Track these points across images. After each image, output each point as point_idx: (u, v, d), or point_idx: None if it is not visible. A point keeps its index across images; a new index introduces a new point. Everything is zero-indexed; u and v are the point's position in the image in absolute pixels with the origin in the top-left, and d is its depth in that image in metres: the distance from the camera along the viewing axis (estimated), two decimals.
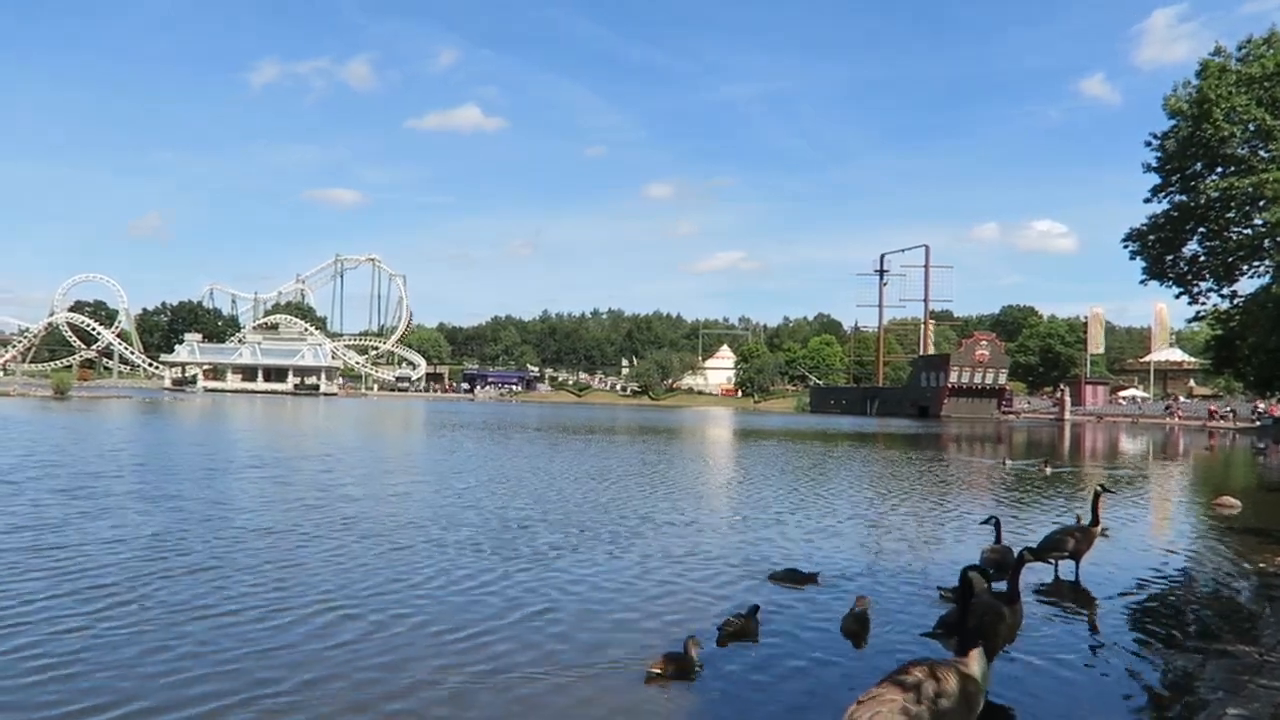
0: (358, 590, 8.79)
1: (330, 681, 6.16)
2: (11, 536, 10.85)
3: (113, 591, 8.30)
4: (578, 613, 8.28)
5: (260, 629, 7.35)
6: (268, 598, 8.32)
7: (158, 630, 7.17)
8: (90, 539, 10.86)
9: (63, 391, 74.23)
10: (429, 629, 7.58)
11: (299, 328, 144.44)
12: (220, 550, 10.45)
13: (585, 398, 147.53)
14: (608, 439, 38.39)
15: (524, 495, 16.90)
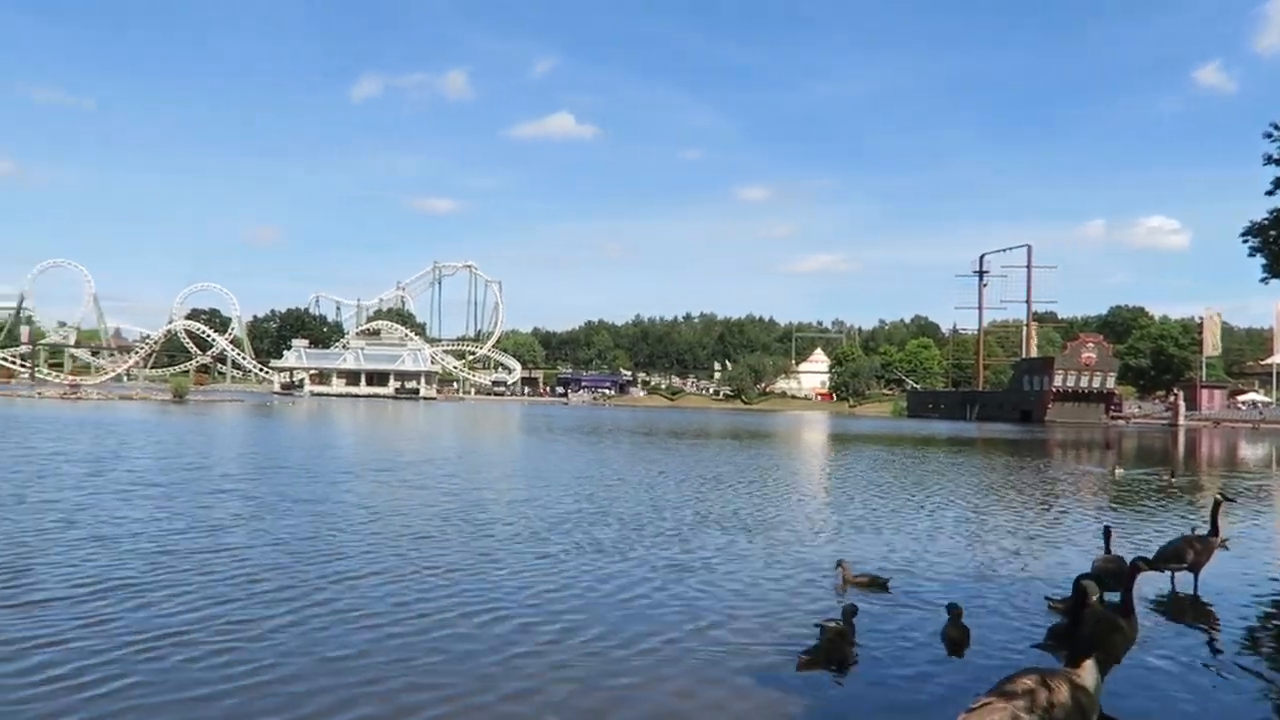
0: (517, 596, 8.96)
1: (535, 695, 6.21)
2: (187, 538, 11.36)
3: (294, 595, 8.57)
4: (691, 613, 8.39)
5: (440, 636, 7.41)
6: (437, 604, 8.44)
7: (345, 634, 7.35)
8: (256, 541, 11.35)
9: (181, 395, 78.04)
10: (585, 633, 7.71)
11: (400, 333, 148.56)
12: (375, 555, 10.73)
13: (678, 401, 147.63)
14: (702, 443, 38.40)
15: (632, 499, 17.09)
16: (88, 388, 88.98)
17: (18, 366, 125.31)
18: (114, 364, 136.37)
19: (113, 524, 12.24)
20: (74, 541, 10.82)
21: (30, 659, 6.42)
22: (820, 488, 21.83)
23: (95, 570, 9.32)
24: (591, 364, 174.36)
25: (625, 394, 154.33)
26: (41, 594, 8.26)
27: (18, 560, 9.62)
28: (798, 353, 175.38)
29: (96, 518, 12.73)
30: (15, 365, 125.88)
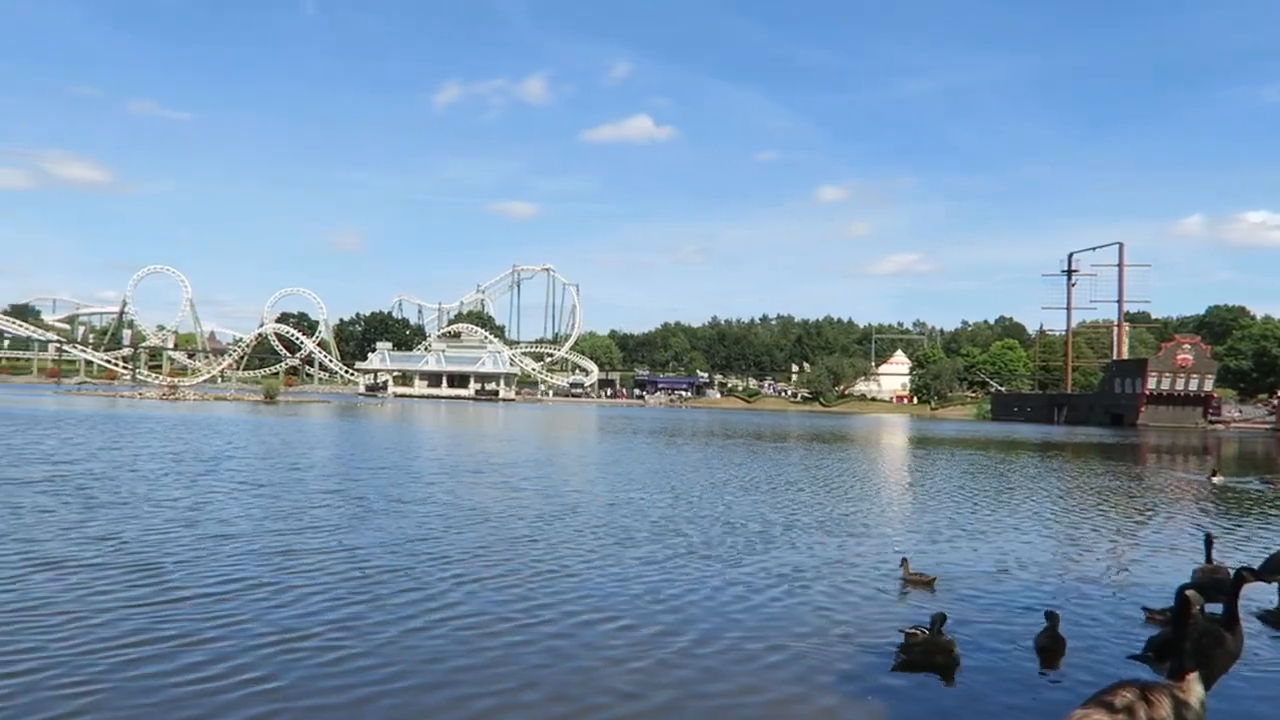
0: (622, 599, 9.16)
1: (638, 700, 6.34)
2: (303, 539, 11.86)
3: (419, 599, 8.83)
4: (783, 618, 8.49)
5: (568, 644, 7.56)
6: (552, 609, 8.61)
7: (473, 639, 7.56)
8: (370, 541, 11.82)
9: (272, 396, 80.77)
10: (685, 638, 7.87)
11: (480, 336, 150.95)
12: (486, 558, 11.02)
13: (755, 404, 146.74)
14: (782, 446, 38.21)
15: (721, 502, 17.23)
16: (185, 389, 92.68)
17: (121, 368, 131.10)
18: (209, 366, 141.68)
19: (230, 523, 12.87)
20: (197, 540, 11.41)
21: (178, 659, 6.77)
22: (905, 491, 21.58)
23: (221, 569, 9.80)
24: (668, 366, 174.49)
25: (702, 396, 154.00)
26: (176, 593, 8.70)
27: (150, 559, 10.17)
28: (877, 355, 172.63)
29: (214, 517, 13.40)
30: (118, 367, 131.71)
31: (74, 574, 9.24)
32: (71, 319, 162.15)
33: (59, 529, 11.76)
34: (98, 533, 11.60)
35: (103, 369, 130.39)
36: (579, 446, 35.97)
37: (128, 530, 11.86)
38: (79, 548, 10.57)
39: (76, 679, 6.19)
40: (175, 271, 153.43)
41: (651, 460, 27.90)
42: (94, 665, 6.49)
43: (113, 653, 6.77)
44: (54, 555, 10.07)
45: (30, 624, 7.40)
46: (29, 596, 8.30)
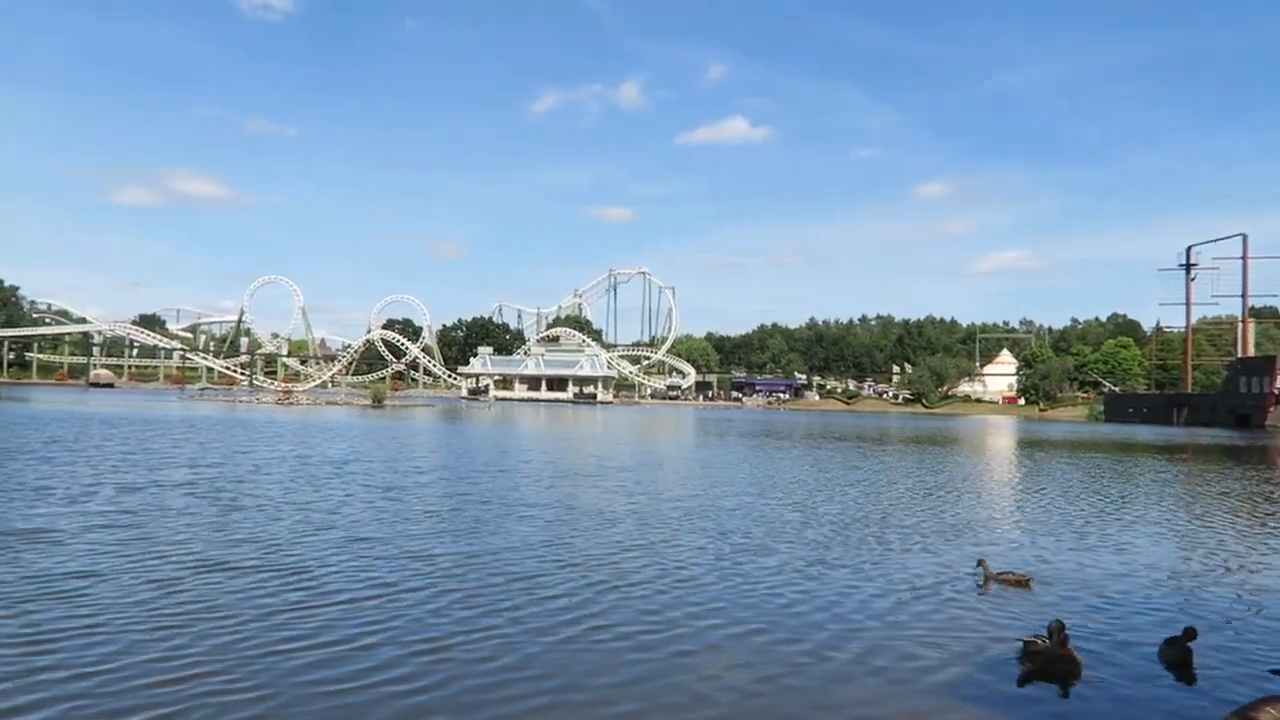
0: (760, 609, 9.21)
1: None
2: (441, 543, 12.24)
3: (568, 605, 9.04)
4: (905, 627, 8.38)
5: (715, 656, 7.59)
6: (704, 622, 8.63)
7: (628, 651, 7.66)
8: (506, 545, 12.17)
9: (379, 400, 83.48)
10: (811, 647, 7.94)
11: (577, 339, 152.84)
12: (625, 565, 11.17)
13: (854, 405, 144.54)
14: (886, 449, 37.64)
15: (835, 506, 17.09)
16: (298, 393, 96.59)
17: (239, 374, 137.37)
18: (320, 371, 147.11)
19: (366, 526, 13.37)
20: (339, 544, 11.91)
21: (346, 665, 7.09)
22: (1015, 496, 21.12)
23: (367, 573, 10.19)
24: (765, 368, 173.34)
25: (800, 398, 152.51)
26: (330, 597, 9.10)
27: (298, 563, 10.67)
28: (982, 354, 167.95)
29: (349, 520, 13.94)
30: (237, 373, 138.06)
31: (230, 577, 9.74)
32: (194, 328, 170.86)
33: (208, 531, 12.42)
34: (243, 535, 12.21)
35: (222, 375, 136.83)
36: (684, 449, 36.01)
37: (271, 533, 12.44)
38: (229, 550, 11.13)
39: (253, 683, 6.50)
40: (288, 281, 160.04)
41: (759, 463, 27.89)
42: (270, 669, 6.80)
43: (283, 656, 7.10)
44: (209, 558, 10.62)
45: (201, 626, 7.81)
46: (195, 599, 8.76)
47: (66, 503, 14.71)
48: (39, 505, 14.32)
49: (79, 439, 28.16)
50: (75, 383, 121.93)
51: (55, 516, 13.28)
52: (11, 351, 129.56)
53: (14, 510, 13.69)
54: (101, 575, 9.61)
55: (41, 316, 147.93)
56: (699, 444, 39.98)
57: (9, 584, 9.04)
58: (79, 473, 18.94)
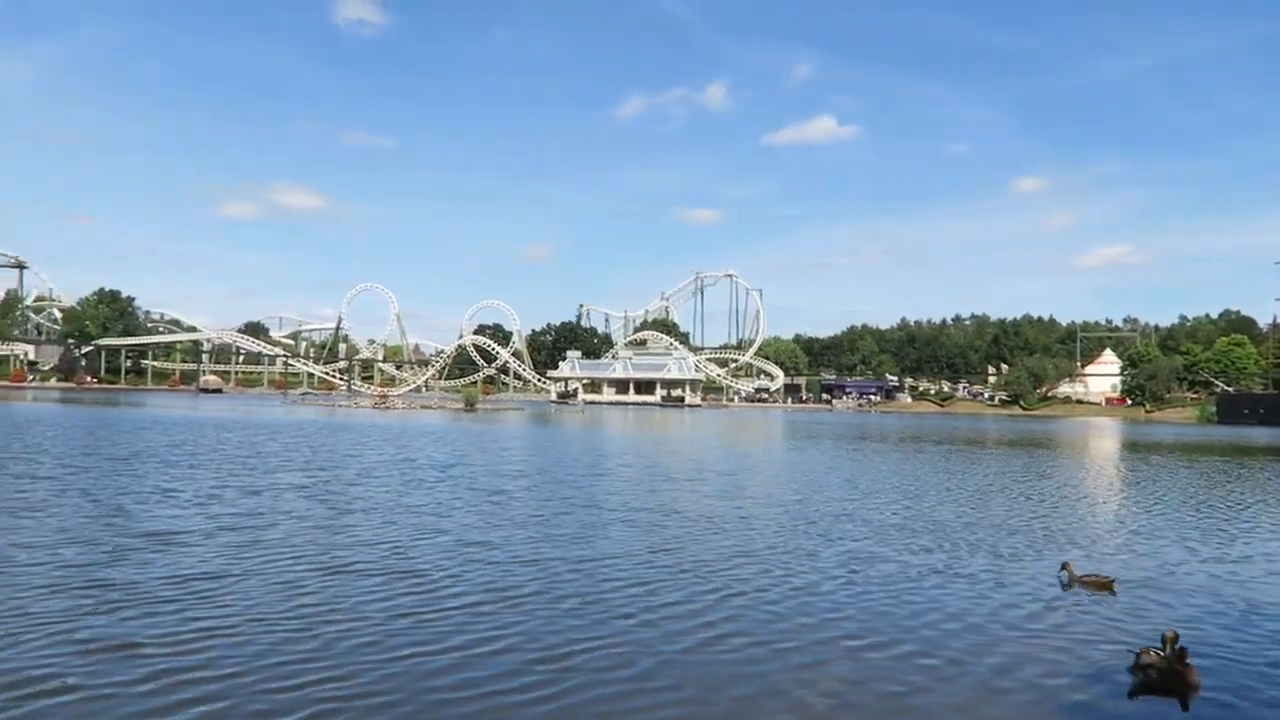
0: (891, 616, 9.15)
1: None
2: (557, 549, 12.38)
3: (688, 613, 9.02)
4: (1011, 638, 8.15)
5: (848, 669, 7.48)
6: (830, 632, 8.55)
7: (762, 660, 7.63)
8: (622, 551, 12.28)
9: (471, 404, 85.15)
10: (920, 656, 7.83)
11: (665, 343, 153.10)
12: (740, 573, 11.08)
13: (948, 407, 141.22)
14: (982, 451, 36.65)
15: (938, 511, 16.72)
16: (394, 398, 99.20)
17: (337, 379, 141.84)
18: (414, 376, 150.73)
19: (477, 530, 13.60)
20: (453, 547, 12.15)
21: (473, 671, 7.21)
22: (1123, 501, 20.43)
23: (485, 578, 10.37)
24: (855, 370, 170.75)
25: (892, 400, 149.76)
26: (447, 602, 9.27)
27: (415, 567, 10.93)
28: (1083, 354, 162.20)
29: (460, 523, 14.22)
30: (335, 378, 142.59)
31: (353, 580, 10.03)
32: (295, 335, 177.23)
33: (327, 534, 12.80)
34: (361, 538, 12.56)
35: (322, 380, 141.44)
36: (779, 452, 35.65)
37: (387, 536, 12.77)
38: (349, 553, 11.46)
39: (383, 690, 6.65)
40: (383, 288, 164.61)
41: (857, 467, 27.51)
42: (400, 675, 6.96)
43: (411, 662, 7.26)
44: (332, 562, 10.96)
45: (330, 631, 8.03)
46: (322, 602, 9.04)
47: (193, 505, 15.44)
48: (167, 508, 15.06)
49: (197, 443, 29.52)
50: (186, 388, 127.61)
51: (183, 519, 13.96)
52: (129, 359, 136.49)
53: (145, 512, 14.43)
54: (233, 577, 10.03)
55: (156, 326, 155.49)
56: (793, 447, 39.61)
57: (146, 586, 9.49)
58: (200, 476, 19.86)
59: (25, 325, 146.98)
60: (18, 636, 7.57)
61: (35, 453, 23.97)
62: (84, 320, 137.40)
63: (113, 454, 24.43)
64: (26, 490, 16.51)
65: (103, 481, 18.28)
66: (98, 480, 18.48)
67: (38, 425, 36.56)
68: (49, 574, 9.87)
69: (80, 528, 12.79)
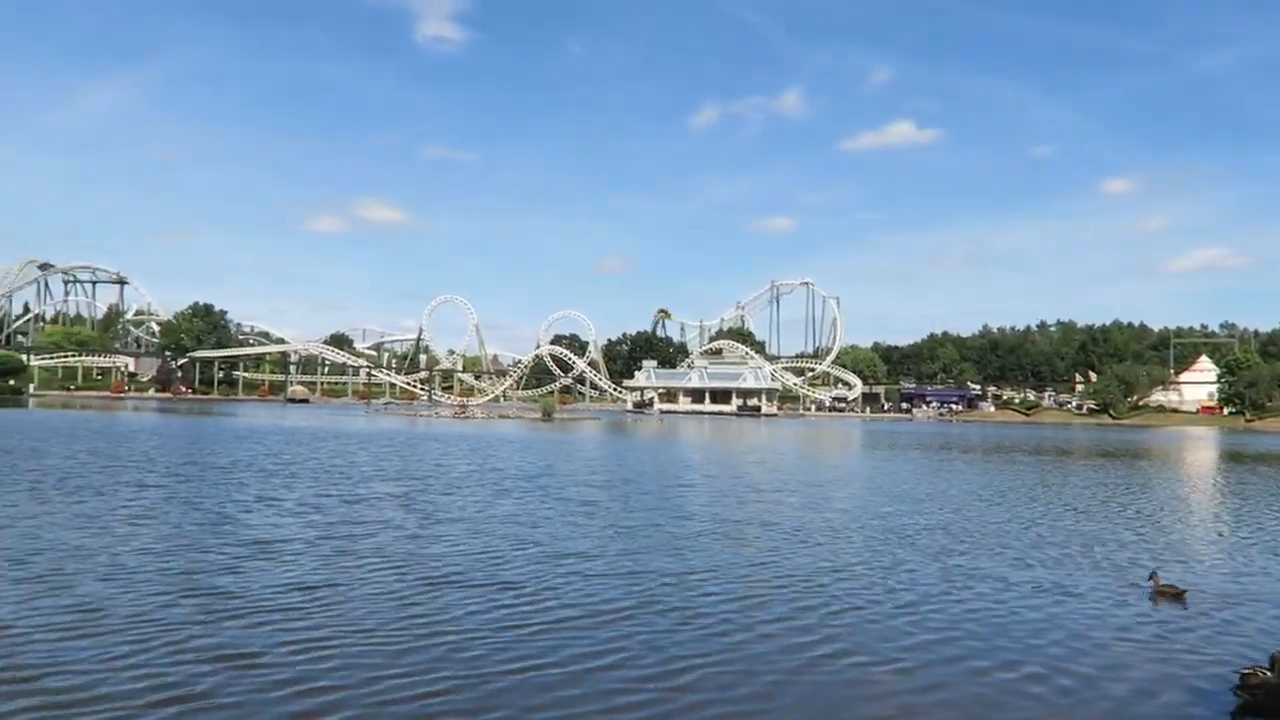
0: (1007, 634, 8.95)
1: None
2: (657, 559, 12.42)
3: (794, 628, 8.97)
4: (1105, 654, 7.84)
5: (971, 688, 7.36)
6: (947, 651, 8.38)
7: (879, 679, 7.56)
8: (712, 564, 12.23)
9: (549, 414, 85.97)
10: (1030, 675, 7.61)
11: (740, 352, 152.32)
12: (837, 584, 11.03)
13: (1034, 417, 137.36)
14: (1076, 462, 35.37)
15: (1029, 522, 16.21)
16: (473, 407, 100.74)
17: (418, 389, 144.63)
18: (493, 386, 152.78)
19: (570, 540, 13.64)
20: (548, 559, 12.20)
21: (581, 687, 7.24)
22: (1220, 515, 19.55)
23: (583, 591, 10.38)
24: (935, 378, 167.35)
25: (974, 409, 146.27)
26: (548, 614, 9.32)
27: (512, 578, 11.01)
28: (1177, 361, 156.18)
29: (551, 534, 14.28)
30: (417, 388, 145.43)
31: (456, 591, 10.14)
32: (378, 346, 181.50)
33: (426, 544, 12.99)
34: (460, 549, 12.71)
35: (403, 390, 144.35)
36: (863, 463, 34.88)
37: (485, 547, 12.90)
38: (449, 564, 11.60)
39: (493, 706, 6.68)
40: (462, 300, 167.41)
41: (946, 478, 26.78)
42: (509, 690, 6.99)
43: (521, 676, 7.30)
44: (434, 573, 11.10)
45: (438, 645, 8.12)
46: (429, 613, 9.17)
47: (295, 514, 15.86)
48: (271, 516, 15.52)
49: (293, 453, 30.39)
50: (275, 398, 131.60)
51: (287, 527, 14.35)
52: (221, 370, 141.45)
53: (251, 521, 14.88)
54: (341, 586, 10.24)
55: (246, 338, 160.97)
56: (877, 457, 38.90)
57: (259, 595, 9.75)
58: (299, 485, 20.41)
59: (126, 338, 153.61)
60: (144, 644, 7.85)
61: (143, 462, 24.96)
62: (180, 333, 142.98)
63: (215, 463, 25.30)
64: (139, 499, 17.18)
65: (208, 490, 18.93)
66: (204, 489, 19.15)
67: (141, 435, 38.10)
68: (168, 581, 10.23)
69: (192, 535, 13.25)
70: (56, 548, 11.94)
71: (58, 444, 30.63)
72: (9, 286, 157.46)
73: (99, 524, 14.10)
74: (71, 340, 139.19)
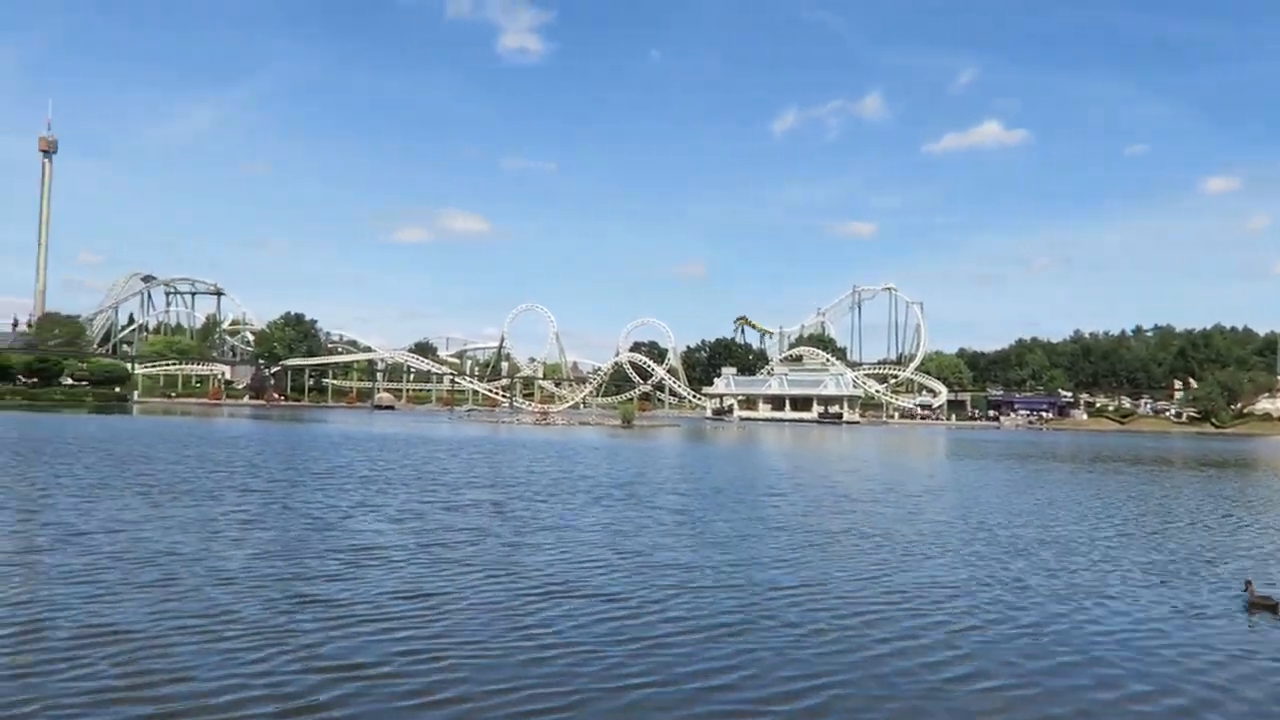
0: (1148, 663, 8.50)
1: None
2: (768, 572, 12.20)
3: (921, 646, 8.70)
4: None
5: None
6: (1080, 677, 8.01)
7: (1017, 705, 7.24)
8: (822, 577, 12.01)
9: (629, 421, 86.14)
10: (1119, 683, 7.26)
11: (821, 359, 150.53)
12: (955, 601, 10.66)
13: (1129, 425, 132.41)
14: (1174, 473, 33.64)
15: (1147, 538, 15.45)
16: (554, 414, 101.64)
17: (500, 396, 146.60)
18: (573, 393, 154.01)
19: (666, 551, 13.44)
20: (653, 568, 12.05)
21: (702, 706, 7.09)
22: None
23: (686, 603, 10.16)
24: (1024, 385, 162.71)
25: (1065, 417, 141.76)
26: (661, 628, 9.18)
27: (618, 591, 10.89)
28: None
29: (651, 545, 14.09)
30: (498, 395, 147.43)
31: (564, 602, 10.03)
32: (461, 353, 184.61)
33: (529, 553, 12.96)
34: (565, 558, 12.62)
35: (485, 397, 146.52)
36: (957, 472, 33.53)
37: (588, 557, 12.80)
38: (555, 573, 11.52)
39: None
40: (543, 308, 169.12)
41: (1048, 489, 25.77)
42: (632, 704, 6.88)
43: (642, 692, 7.17)
44: (541, 583, 11.02)
45: (552, 658, 8.02)
46: (538, 625, 9.08)
47: (396, 521, 16.04)
48: (373, 523, 15.70)
49: (387, 459, 30.93)
50: (362, 405, 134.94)
51: (388, 534, 14.49)
52: (311, 378, 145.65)
53: (353, 527, 15.07)
54: (447, 595, 10.22)
55: (335, 346, 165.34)
56: (970, 466, 37.66)
57: (368, 603, 9.79)
58: (397, 492, 20.69)
59: (222, 347, 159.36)
60: (262, 652, 7.92)
61: (248, 468, 25.69)
62: (273, 342, 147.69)
63: (314, 469, 25.89)
64: (246, 504, 17.60)
65: (312, 496, 19.32)
66: (308, 494, 19.57)
67: (241, 441, 39.32)
68: (281, 587, 10.36)
69: (300, 541, 13.47)
70: (174, 553, 12.26)
71: (165, 450, 31.76)
72: (116, 298, 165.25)
73: (211, 529, 14.46)
74: (172, 349, 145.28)
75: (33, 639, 8.05)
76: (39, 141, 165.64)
